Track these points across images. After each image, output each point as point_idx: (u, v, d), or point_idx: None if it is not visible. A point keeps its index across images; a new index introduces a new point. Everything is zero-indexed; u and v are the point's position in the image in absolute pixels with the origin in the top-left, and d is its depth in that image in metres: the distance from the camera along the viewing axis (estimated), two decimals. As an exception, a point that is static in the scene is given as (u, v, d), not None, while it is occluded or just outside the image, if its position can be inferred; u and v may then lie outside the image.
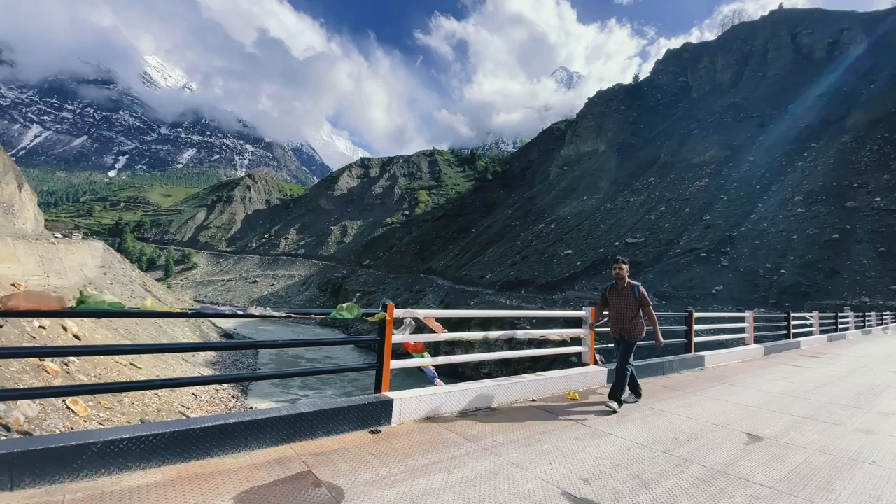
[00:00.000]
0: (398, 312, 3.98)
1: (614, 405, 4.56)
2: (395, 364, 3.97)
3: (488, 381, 4.58)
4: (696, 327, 7.67)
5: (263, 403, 27.62)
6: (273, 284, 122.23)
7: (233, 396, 26.81)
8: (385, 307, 3.90)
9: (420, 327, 4.44)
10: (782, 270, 42.13)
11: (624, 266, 4.93)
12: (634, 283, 4.86)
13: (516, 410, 4.33)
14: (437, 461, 2.97)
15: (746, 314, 9.48)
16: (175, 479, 2.54)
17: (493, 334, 4.96)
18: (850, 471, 3.20)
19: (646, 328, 4.85)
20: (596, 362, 5.92)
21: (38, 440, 2.45)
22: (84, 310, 2.57)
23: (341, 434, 3.38)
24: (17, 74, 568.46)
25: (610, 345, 7.08)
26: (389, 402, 3.68)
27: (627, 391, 4.94)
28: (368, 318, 3.77)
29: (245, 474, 2.64)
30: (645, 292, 4.82)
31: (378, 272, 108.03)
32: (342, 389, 32.22)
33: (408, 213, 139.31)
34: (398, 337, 4.02)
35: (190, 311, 2.90)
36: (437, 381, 4.59)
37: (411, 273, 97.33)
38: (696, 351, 7.67)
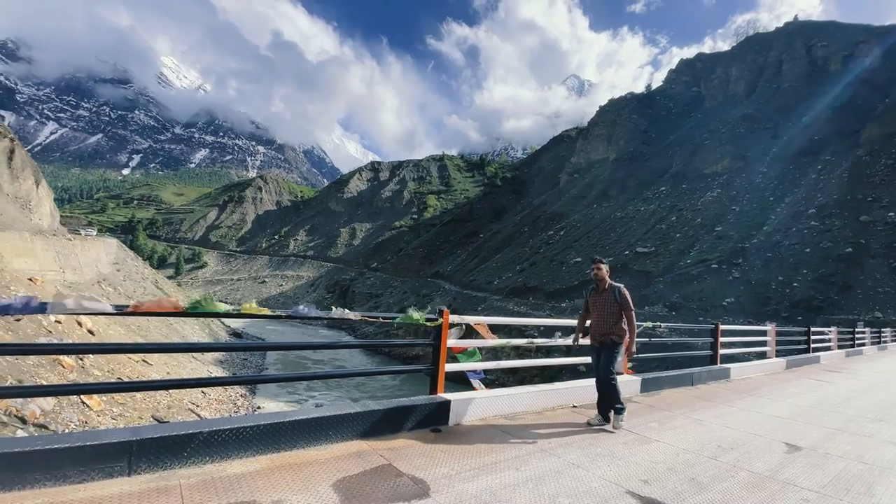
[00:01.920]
0: (453, 318, 4.21)
1: (620, 422, 4.19)
2: (449, 367, 4.19)
3: (529, 387, 4.79)
4: (721, 340, 7.82)
5: (271, 403, 27.87)
6: (281, 285, 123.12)
7: (241, 395, 27.08)
8: (441, 313, 4.13)
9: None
10: (795, 284, 41.82)
11: (603, 266, 4.52)
12: (616, 284, 4.46)
13: (561, 415, 4.54)
14: (502, 459, 3.19)
15: (769, 328, 9.61)
16: (272, 467, 2.77)
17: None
18: (887, 478, 3.40)
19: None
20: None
21: (151, 429, 2.70)
22: (195, 311, 2.81)
23: (406, 431, 3.61)
24: (35, 72, 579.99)
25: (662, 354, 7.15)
26: (447, 404, 3.90)
27: (597, 416, 4.43)
28: (428, 324, 4.01)
29: (333, 465, 2.87)
30: (627, 295, 4.41)
31: (385, 275, 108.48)
32: (348, 393, 32.18)
33: (416, 216, 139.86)
34: (451, 341, 4.24)
35: (281, 313, 3.15)
36: (479, 384, 4.79)
37: (418, 277, 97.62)
38: (719, 363, 7.82)
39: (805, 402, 6.17)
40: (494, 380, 34.59)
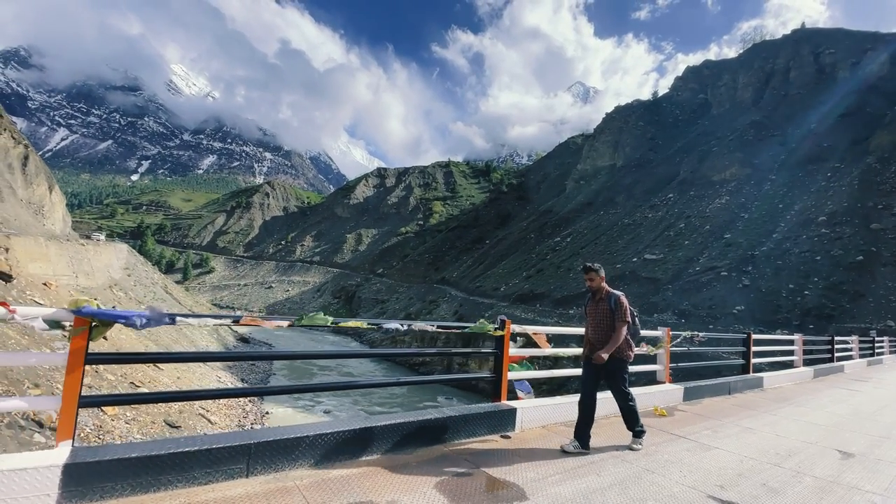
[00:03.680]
0: (514, 328, 4.39)
1: (638, 445, 3.87)
2: (511, 375, 4.36)
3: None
4: (753, 349, 7.93)
5: (279, 409, 27.89)
6: (288, 290, 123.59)
7: (249, 400, 27.10)
8: (503, 324, 4.31)
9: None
10: (806, 292, 41.58)
11: (595, 275, 3.99)
12: (615, 292, 3.97)
13: (616, 424, 4.66)
14: (581, 465, 3.35)
15: (796, 337, 9.71)
16: (371, 471, 2.95)
17: (570, 351, 5.21)
18: (942, 482, 3.52)
19: (633, 349, 4.01)
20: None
21: (266, 433, 2.89)
22: (299, 323, 3.02)
23: (479, 437, 3.78)
24: (47, 79, 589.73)
25: (683, 363, 7.20)
26: (513, 411, 4.07)
27: (570, 437, 3.86)
28: (493, 333, 4.19)
29: (425, 468, 3.05)
30: (625, 304, 3.88)
31: (391, 281, 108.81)
32: (356, 403, 31.98)
33: (422, 223, 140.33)
34: (513, 350, 4.42)
35: (369, 323, 3.34)
36: (523, 394, 4.94)
37: (424, 283, 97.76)
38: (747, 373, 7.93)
39: (842, 410, 6.28)
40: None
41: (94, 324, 2.52)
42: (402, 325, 3.50)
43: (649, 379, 6.36)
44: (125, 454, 2.41)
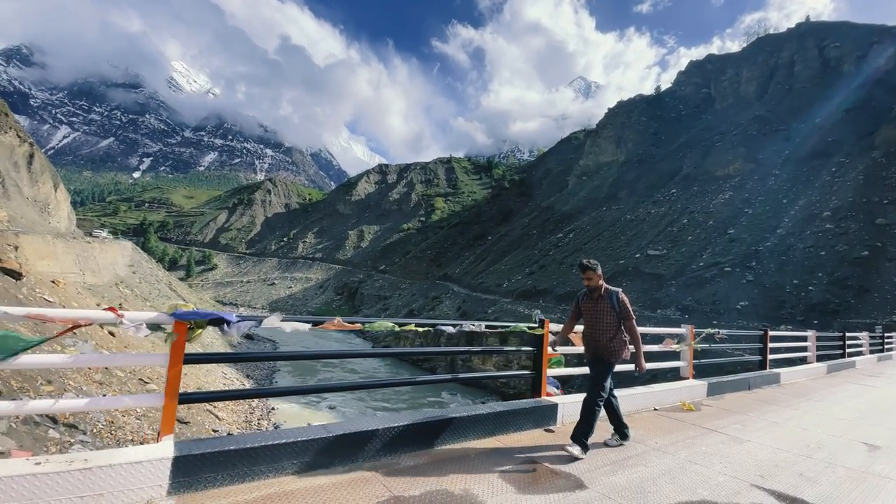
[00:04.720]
0: (552, 327, 4.60)
1: (575, 451, 3.50)
2: (551, 373, 4.58)
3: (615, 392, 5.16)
4: (770, 345, 8.14)
5: (284, 404, 28.20)
6: (290, 287, 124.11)
7: (252, 394, 27.21)
8: (542, 323, 4.52)
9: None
10: (810, 287, 41.70)
11: (593, 273, 3.81)
12: (613, 288, 3.84)
13: (650, 418, 4.90)
14: (627, 457, 3.57)
15: (809, 334, 9.92)
16: (433, 461, 3.17)
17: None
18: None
19: (629, 348, 3.81)
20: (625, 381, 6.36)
21: (341, 426, 3.11)
22: (370, 327, 3.23)
23: (525, 431, 4.01)
24: (49, 77, 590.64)
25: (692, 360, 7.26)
26: (555, 406, 4.30)
27: (610, 432, 4.01)
28: (531, 332, 4.40)
29: (484, 459, 3.26)
30: (627, 301, 3.82)
31: (394, 277, 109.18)
32: (361, 401, 32.09)
33: (424, 219, 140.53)
34: (550, 350, 4.62)
35: (426, 323, 3.56)
36: (554, 390, 5.15)
37: (427, 279, 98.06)
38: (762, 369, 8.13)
39: (860, 405, 6.50)
40: (507, 383, 34.74)
41: (189, 326, 2.74)
42: (454, 325, 3.71)
43: (652, 376, 6.55)
44: (223, 447, 2.63)
